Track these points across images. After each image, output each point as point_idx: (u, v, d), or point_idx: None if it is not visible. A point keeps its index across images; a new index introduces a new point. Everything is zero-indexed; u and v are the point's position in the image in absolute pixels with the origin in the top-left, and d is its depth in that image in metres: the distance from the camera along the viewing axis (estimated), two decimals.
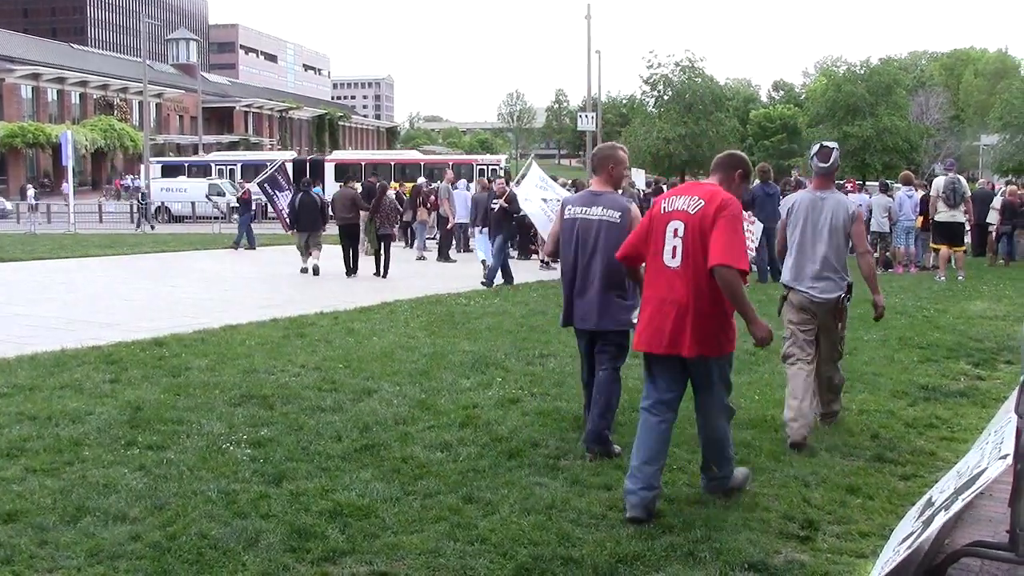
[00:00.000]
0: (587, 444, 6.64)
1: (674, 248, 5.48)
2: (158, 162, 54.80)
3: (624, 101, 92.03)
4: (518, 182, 18.47)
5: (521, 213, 17.39)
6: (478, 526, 5.26)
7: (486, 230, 19.90)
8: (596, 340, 6.78)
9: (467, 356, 10.04)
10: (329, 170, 49.08)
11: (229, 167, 52.08)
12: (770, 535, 5.17)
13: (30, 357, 9.89)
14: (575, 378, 8.92)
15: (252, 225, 29.01)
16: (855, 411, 7.82)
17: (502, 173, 36.33)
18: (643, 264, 5.82)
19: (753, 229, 17.31)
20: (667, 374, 5.66)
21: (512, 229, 19.22)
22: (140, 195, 45.07)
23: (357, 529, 5.21)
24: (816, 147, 7.25)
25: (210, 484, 5.90)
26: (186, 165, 55.56)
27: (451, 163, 46.66)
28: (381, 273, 19.78)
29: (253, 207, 30.61)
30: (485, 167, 46.99)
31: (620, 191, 7.07)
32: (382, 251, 19.93)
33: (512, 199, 17.91)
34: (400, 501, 5.65)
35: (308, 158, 58.40)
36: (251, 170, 47.80)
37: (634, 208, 6.74)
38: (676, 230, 5.48)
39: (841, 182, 31.83)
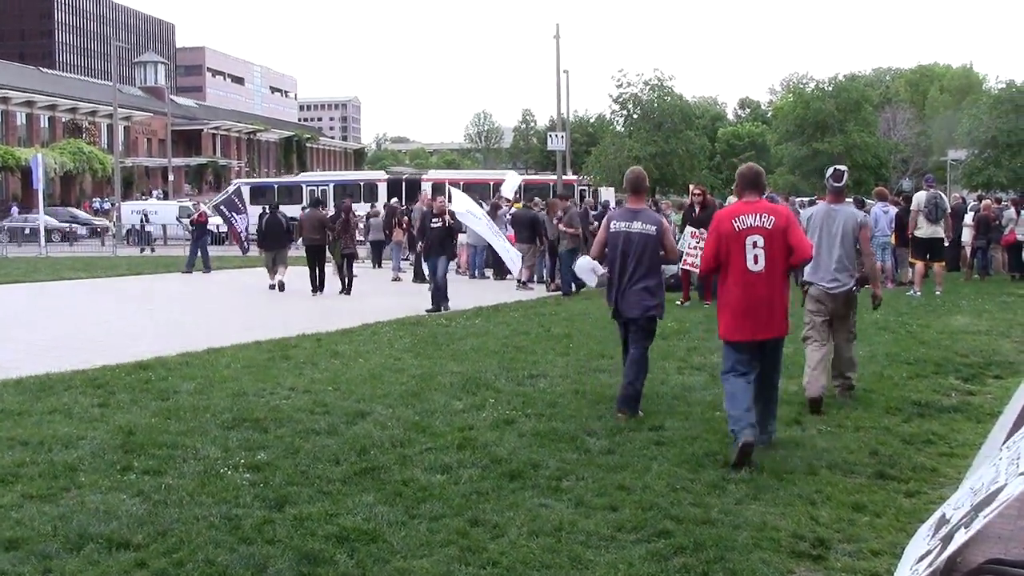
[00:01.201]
0: (619, 406, 8.13)
1: (755, 256, 6.96)
2: (247, 184, 52.69)
3: (592, 120, 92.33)
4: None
5: (464, 230, 17.52)
6: (488, 549, 5.21)
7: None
8: (631, 326, 8.24)
9: (456, 377, 9.99)
10: (427, 188, 47.53)
11: (321, 187, 50.02)
12: (782, 554, 5.16)
13: (15, 382, 9.76)
14: (567, 398, 8.97)
15: (208, 248, 28.61)
16: (851, 428, 7.85)
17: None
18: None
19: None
20: (751, 354, 7.09)
21: (453, 248, 19.26)
22: (144, 217, 44.37)
23: (366, 554, 5.15)
24: (831, 170, 8.93)
25: (212, 509, 5.82)
26: (275, 187, 53.59)
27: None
28: (346, 290, 20.70)
29: (210, 229, 30.29)
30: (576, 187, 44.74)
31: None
32: (345, 269, 20.95)
33: (452, 215, 18.05)
34: (406, 525, 5.60)
35: (403, 177, 56.44)
36: (341, 189, 47.75)
37: (666, 222, 8.49)
38: (755, 242, 6.96)
39: (810, 199, 32.22)
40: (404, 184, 49.93)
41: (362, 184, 53.25)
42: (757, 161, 9.94)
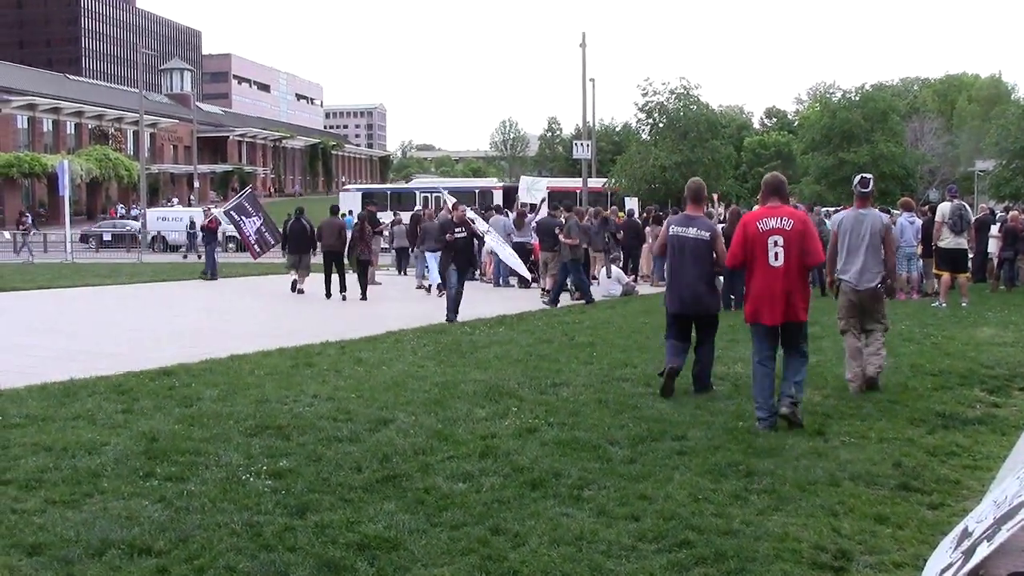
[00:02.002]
0: (697, 388, 9.61)
1: (776, 254, 8.16)
2: (359, 189, 51.76)
3: (618, 129, 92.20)
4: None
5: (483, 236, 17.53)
6: (508, 558, 5.20)
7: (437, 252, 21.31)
8: (692, 320, 9.62)
9: (479, 385, 9.98)
10: (448, 197, 46.60)
11: (434, 194, 48.02)
12: (803, 566, 5.12)
13: (40, 387, 9.82)
14: (590, 407, 8.95)
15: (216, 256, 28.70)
16: (875, 439, 7.78)
17: None
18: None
19: None
20: (772, 338, 8.35)
21: (473, 258, 19.27)
22: (190, 223, 43.81)
23: (386, 562, 5.15)
24: (858, 177, 10.20)
25: (233, 516, 5.83)
26: (388, 193, 52.58)
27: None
28: (363, 296, 21.40)
29: (219, 236, 30.08)
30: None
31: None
32: (360, 275, 21.72)
33: (471, 222, 18.07)
34: (427, 533, 5.59)
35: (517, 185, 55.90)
36: (455, 196, 46.39)
37: (719, 229, 9.79)
38: (776, 241, 8.16)
39: (836, 208, 31.98)
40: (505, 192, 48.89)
41: (477, 191, 52.64)
42: (783, 170, 10.34)
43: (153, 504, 6.08)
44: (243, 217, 26.97)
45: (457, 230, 16.91)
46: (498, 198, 50.36)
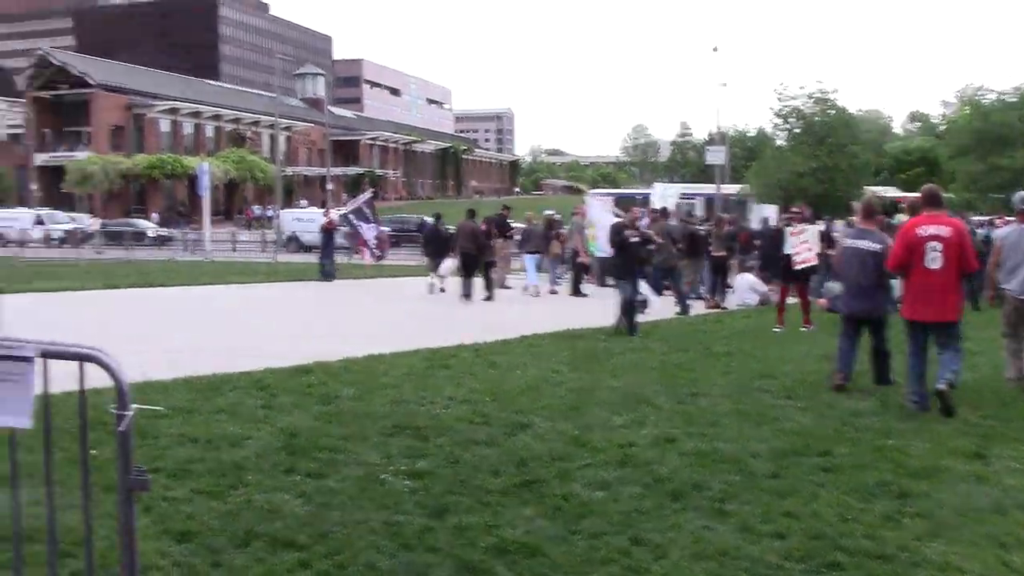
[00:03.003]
0: (877, 381, 10.37)
1: (933, 258, 8.94)
2: (605, 194, 51.46)
3: (752, 134, 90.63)
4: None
5: (651, 246, 16.97)
6: (651, 570, 5.07)
7: (536, 255, 24.31)
8: (863, 322, 10.37)
9: (615, 393, 9.85)
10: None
11: (688, 200, 45.26)
12: None
13: (185, 380, 10.08)
14: (730, 418, 8.73)
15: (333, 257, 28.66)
16: None
17: None
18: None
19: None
20: (925, 335, 9.21)
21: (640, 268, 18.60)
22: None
23: (526, 568, 5.08)
24: (1019, 194, 11.02)
25: (373, 514, 5.84)
26: (636, 197, 52.29)
27: None
28: (487, 296, 21.98)
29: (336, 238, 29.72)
30: None
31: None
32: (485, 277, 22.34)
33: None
34: (567, 540, 5.50)
35: None
36: (707, 204, 45.86)
37: (890, 240, 10.03)
38: (934, 247, 8.94)
39: (990, 217, 30.57)
40: None
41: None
42: (928, 177, 10.43)
43: (294, 498, 6.13)
44: (361, 222, 27.40)
45: (630, 232, 15.64)
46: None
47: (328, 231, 28.39)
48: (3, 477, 3.73)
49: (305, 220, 50.81)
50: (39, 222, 54.99)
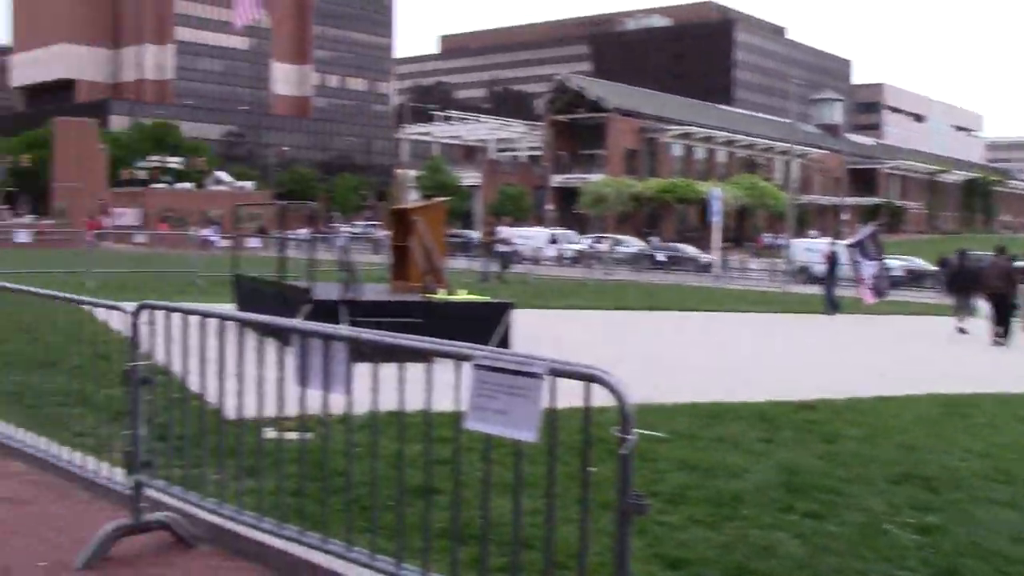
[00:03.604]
0: None
1: None
2: None
3: None
4: None
5: None
6: None
7: None
8: None
9: None
10: None
11: None
12: None
13: (690, 406, 10.20)
14: None
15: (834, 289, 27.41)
16: None
17: None
18: None
19: None
20: None
21: None
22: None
23: None
24: None
25: (872, 565, 5.50)
26: None
27: None
28: (998, 338, 20.33)
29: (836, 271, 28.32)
30: None
31: None
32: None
33: None
34: None
35: None
36: None
37: None
38: None
39: None
40: None
41: None
42: None
43: (791, 538, 5.93)
44: (862, 257, 26.21)
45: None
46: None
47: (831, 260, 27.83)
48: (506, 485, 3.96)
49: (815, 251, 49.92)
50: (553, 241, 58.90)
